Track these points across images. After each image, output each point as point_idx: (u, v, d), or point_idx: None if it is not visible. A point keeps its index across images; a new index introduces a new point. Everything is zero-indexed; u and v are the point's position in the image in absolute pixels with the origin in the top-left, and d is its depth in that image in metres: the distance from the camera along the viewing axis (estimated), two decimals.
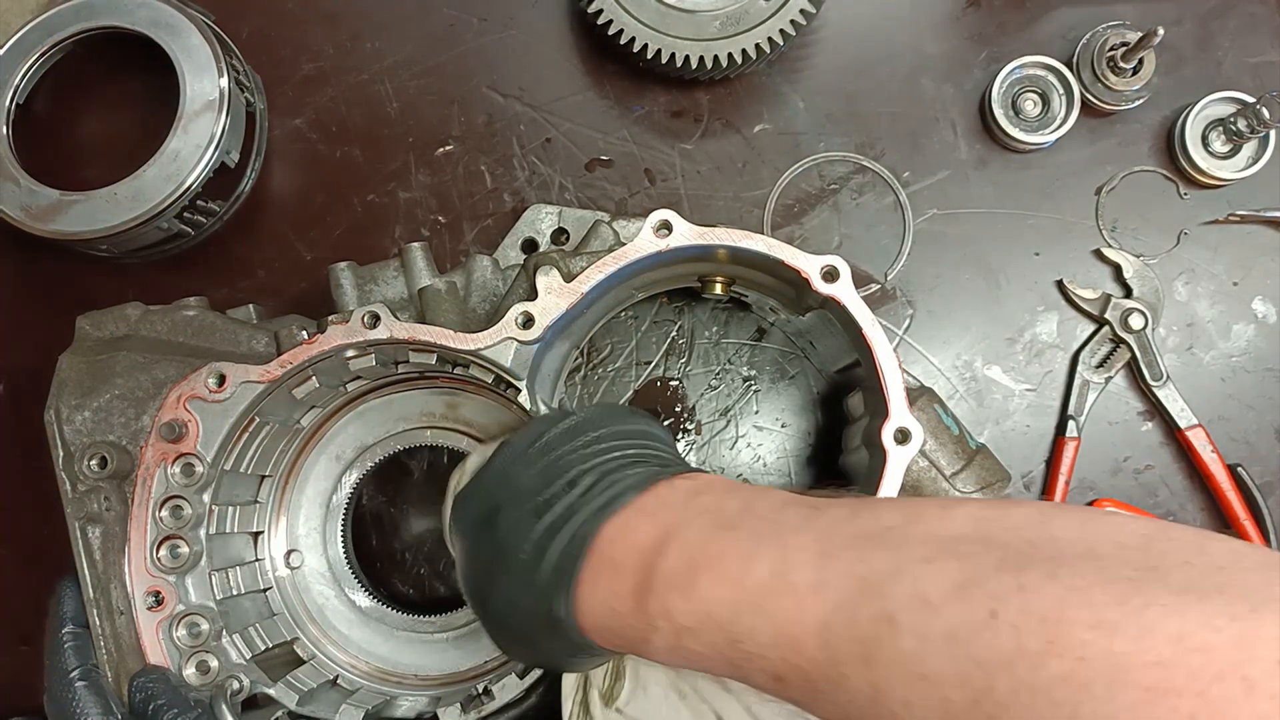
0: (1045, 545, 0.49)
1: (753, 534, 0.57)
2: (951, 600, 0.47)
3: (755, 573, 0.54)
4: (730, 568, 0.56)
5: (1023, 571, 0.47)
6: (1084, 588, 0.45)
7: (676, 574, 0.57)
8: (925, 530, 0.52)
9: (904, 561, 0.50)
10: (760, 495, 0.62)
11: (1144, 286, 1.05)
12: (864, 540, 0.53)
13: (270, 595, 0.95)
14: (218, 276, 1.09)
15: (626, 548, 0.60)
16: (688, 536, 0.58)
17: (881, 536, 0.53)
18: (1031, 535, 0.50)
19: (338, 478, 0.99)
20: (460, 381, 0.96)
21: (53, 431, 0.85)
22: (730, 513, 0.59)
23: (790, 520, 0.57)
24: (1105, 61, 1.04)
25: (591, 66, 1.11)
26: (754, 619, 0.54)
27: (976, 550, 0.49)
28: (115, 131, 1.11)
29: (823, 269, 0.83)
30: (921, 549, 0.51)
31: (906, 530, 0.53)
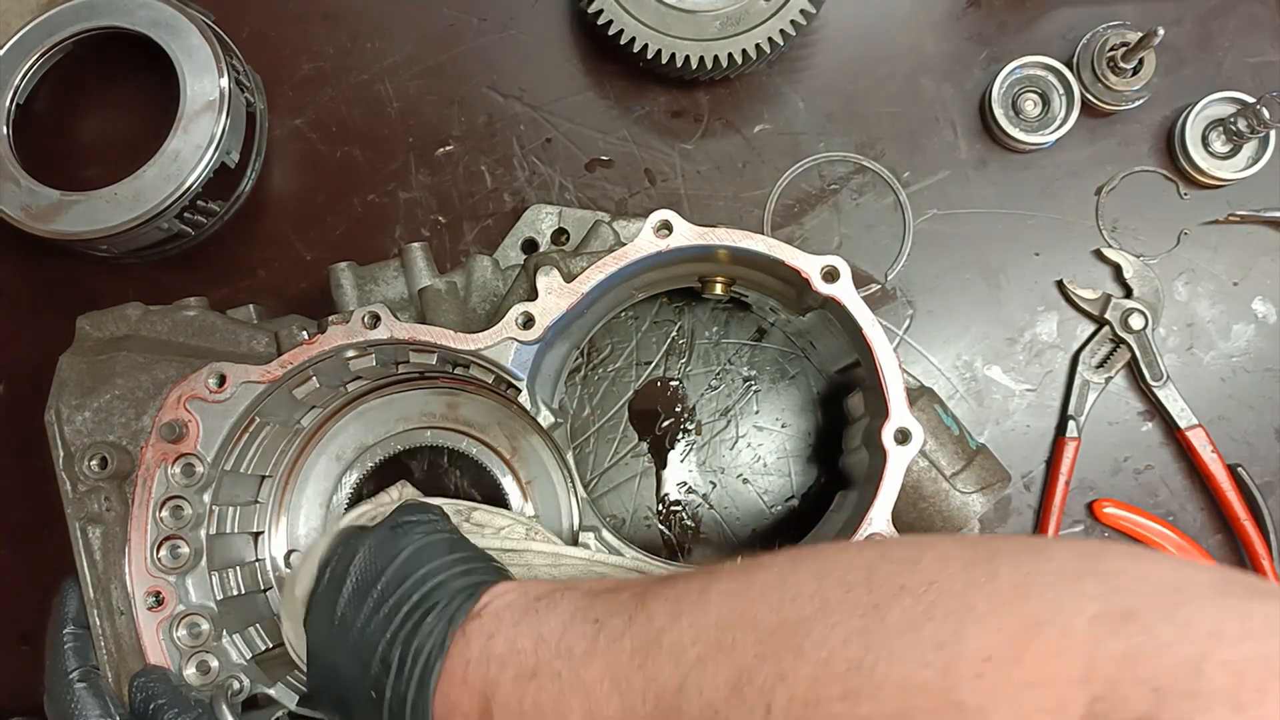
0: (789, 609, 0.54)
1: (553, 676, 0.60)
2: (731, 703, 0.53)
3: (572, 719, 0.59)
4: None
5: (779, 655, 0.52)
6: (827, 658, 0.50)
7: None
8: (690, 624, 0.57)
9: (684, 670, 0.55)
10: (546, 617, 0.64)
11: (1144, 286, 1.05)
12: (645, 652, 0.57)
13: (270, 595, 0.95)
14: (218, 276, 1.09)
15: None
16: (502, 696, 0.62)
17: (658, 642, 0.57)
18: (777, 601, 0.55)
19: (338, 478, 0.99)
20: (460, 381, 0.96)
21: (53, 431, 0.86)
22: (527, 654, 0.62)
23: (579, 646, 0.60)
24: (1105, 61, 1.04)
25: (591, 66, 1.11)
26: None
27: (737, 638, 0.54)
28: (115, 131, 1.11)
29: (823, 269, 0.83)
30: (693, 649, 0.55)
31: (675, 629, 0.57)
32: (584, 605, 0.64)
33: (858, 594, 0.52)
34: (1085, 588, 0.48)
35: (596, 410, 1.06)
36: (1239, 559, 1.04)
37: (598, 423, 1.06)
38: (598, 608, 0.63)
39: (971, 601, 0.49)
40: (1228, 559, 1.04)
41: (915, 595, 0.50)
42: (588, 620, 0.62)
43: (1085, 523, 1.04)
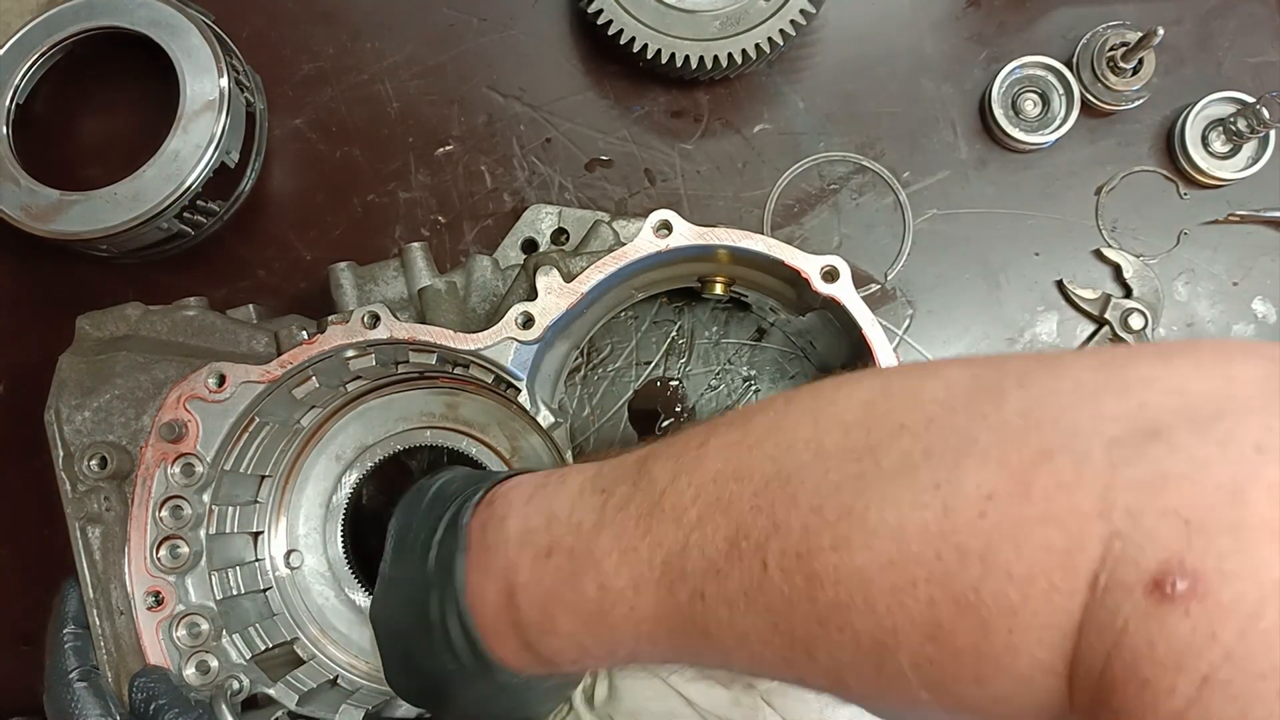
0: (784, 457, 0.51)
1: (566, 552, 0.59)
2: (731, 561, 0.50)
3: (586, 595, 0.57)
4: (567, 598, 0.58)
5: (772, 507, 0.49)
6: (819, 505, 0.47)
7: (537, 625, 0.60)
8: (689, 483, 0.54)
9: (685, 531, 0.53)
10: (556, 492, 0.63)
11: (1144, 286, 1.05)
12: (648, 516, 0.55)
13: (270, 595, 0.95)
14: (218, 276, 1.09)
15: (492, 614, 0.63)
16: (521, 580, 0.61)
17: (660, 505, 0.55)
18: (773, 449, 0.52)
19: (338, 478, 0.99)
20: (460, 381, 0.96)
21: (53, 431, 0.86)
22: (539, 531, 0.61)
23: (588, 518, 0.59)
24: (1105, 61, 1.04)
25: (591, 66, 1.11)
26: (609, 632, 0.58)
27: (734, 491, 0.52)
28: (115, 131, 1.11)
29: (823, 269, 0.83)
30: (692, 509, 0.53)
31: (676, 489, 0.55)
32: (592, 476, 0.62)
33: (854, 436, 0.48)
34: (1105, 407, 0.41)
35: (596, 410, 1.06)
36: None
37: (598, 423, 1.06)
38: (604, 476, 0.61)
39: (974, 433, 0.44)
40: None
41: (914, 433, 0.46)
42: (595, 491, 0.60)
43: None
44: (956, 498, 0.42)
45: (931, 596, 0.42)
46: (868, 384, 0.52)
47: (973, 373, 0.48)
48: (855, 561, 0.45)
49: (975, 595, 0.41)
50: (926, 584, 0.42)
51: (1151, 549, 0.36)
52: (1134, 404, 0.41)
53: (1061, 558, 0.39)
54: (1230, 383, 0.40)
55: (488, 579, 0.62)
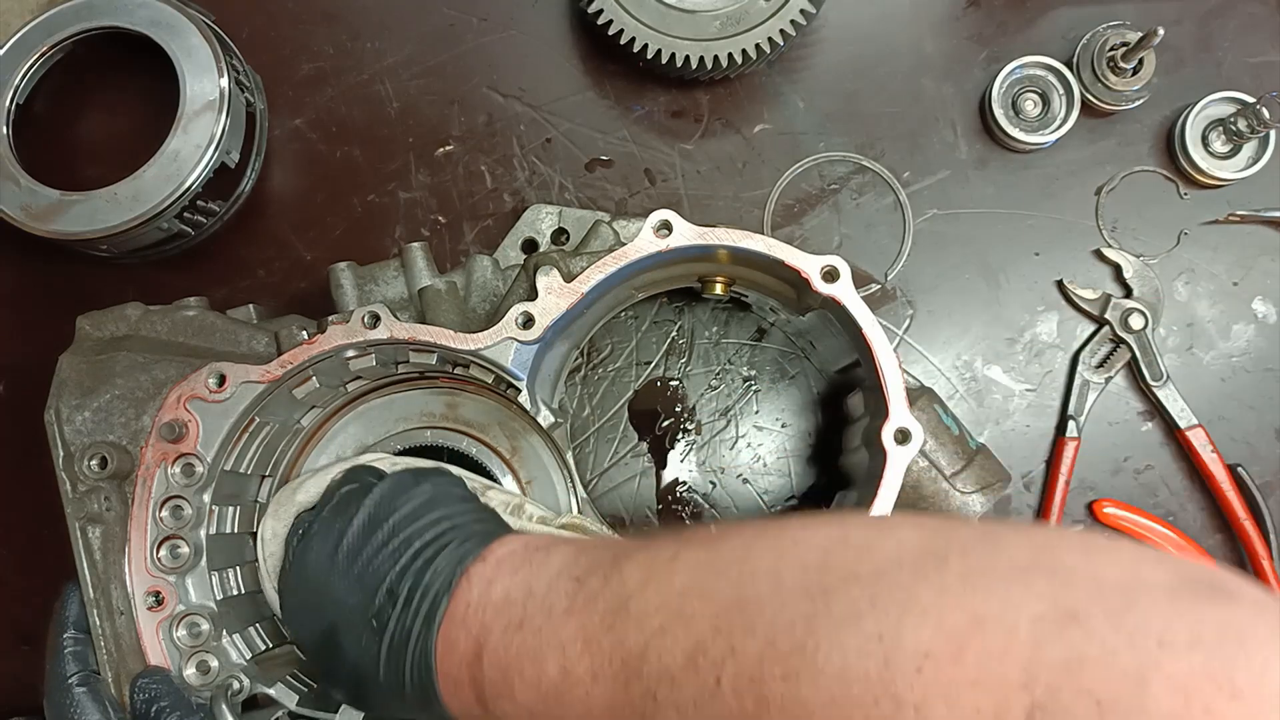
0: (747, 586, 0.55)
1: (534, 630, 0.64)
2: (687, 672, 0.54)
3: (547, 673, 0.62)
4: (529, 672, 0.63)
5: (731, 631, 0.54)
6: (773, 638, 0.51)
7: (496, 684, 0.65)
8: (656, 591, 0.59)
9: (647, 636, 0.57)
10: (539, 570, 0.67)
11: (1144, 286, 1.05)
12: (614, 615, 0.60)
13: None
14: (218, 276, 1.09)
15: (457, 664, 0.67)
16: (492, 644, 0.65)
17: (626, 607, 0.60)
18: (737, 576, 0.56)
19: None
20: (460, 381, 0.96)
21: (53, 431, 0.85)
22: (517, 605, 0.66)
23: (559, 605, 0.64)
24: (1105, 61, 1.04)
25: (591, 66, 1.11)
26: (562, 711, 0.62)
27: (696, 609, 0.56)
28: (115, 131, 1.11)
29: (823, 269, 0.83)
30: (657, 618, 0.58)
31: (643, 594, 0.60)
32: (570, 561, 0.67)
33: (810, 577, 0.53)
34: (1033, 584, 0.47)
35: (596, 410, 1.06)
36: (1239, 559, 1.04)
37: (598, 423, 1.06)
38: (581, 564, 0.66)
39: (916, 593, 0.49)
40: (1228, 559, 1.04)
41: (863, 584, 0.51)
42: (571, 577, 0.65)
43: (1085, 523, 1.04)
44: (897, 651, 0.46)
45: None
46: (830, 531, 0.58)
47: (923, 536, 0.53)
48: (801, 694, 0.49)
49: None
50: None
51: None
52: (1058, 584, 0.46)
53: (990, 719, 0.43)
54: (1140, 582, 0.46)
55: (461, 632, 0.67)
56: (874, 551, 0.53)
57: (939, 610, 0.47)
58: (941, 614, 0.47)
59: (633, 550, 0.64)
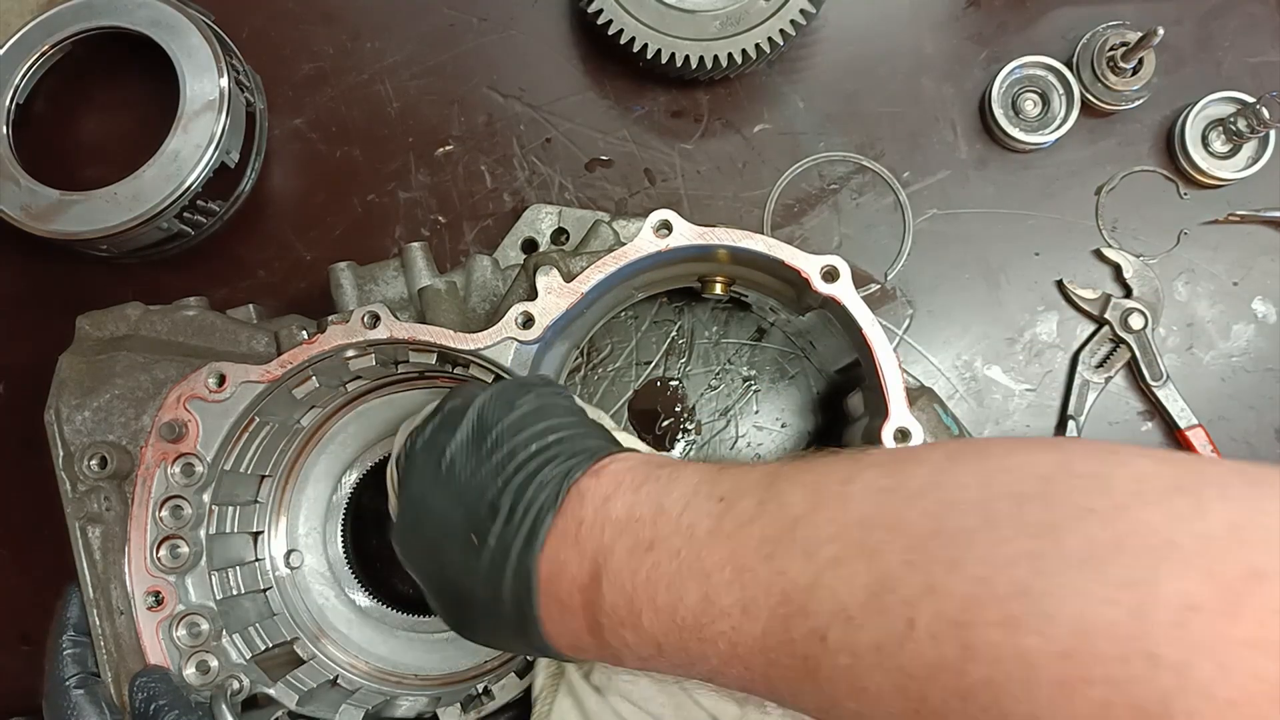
0: (947, 517, 0.48)
1: (671, 553, 0.56)
2: (870, 611, 0.47)
3: (686, 602, 0.55)
4: (662, 599, 0.56)
5: (930, 566, 0.46)
6: (987, 576, 0.44)
7: (618, 611, 0.58)
8: (829, 519, 0.52)
9: (818, 568, 0.50)
10: (668, 486, 0.60)
11: (1144, 286, 1.05)
12: (774, 542, 0.53)
13: (270, 595, 0.95)
14: (218, 276, 1.09)
15: (567, 587, 0.60)
16: (614, 565, 0.58)
17: (790, 534, 0.52)
18: (934, 505, 0.49)
19: (338, 478, 0.99)
20: (460, 381, 0.96)
21: (53, 431, 0.86)
22: (644, 523, 0.58)
23: (701, 523, 0.56)
24: (1105, 61, 1.04)
25: (591, 66, 1.11)
26: (699, 646, 0.55)
27: (882, 540, 0.49)
28: (115, 131, 1.11)
29: (823, 269, 0.83)
30: (830, 547, 0.50)
31: (811, 521, 0.52)
32: (709, 479, 0.59)
33: (1032, 510, 0.45)
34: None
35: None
36: None
37: None
38: (724, 484, 0.58)
39: (1173, 536, 0.41)
40: None
41: (1103, 521, 0.43)
42: (713, 497, 0.57)
43: None
44: (1153, 601, 0.40)
45: (1108, 699, 0.40)
46: (1048, 456, 0.50)
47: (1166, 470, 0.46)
48: (1023, 644, 0.42)
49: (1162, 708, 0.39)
50: (1104, 685, 0.40)
51: None
52: None
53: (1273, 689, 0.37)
54: None
55: (574, 551, 0.60)
56: (1109, 484, 0.45)
57: (1205, 558, 0.40)
58: (1209, 563, 0.40)
59: (788, 470, 0.56)
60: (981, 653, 0.43)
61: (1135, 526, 0.43)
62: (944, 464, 0.51)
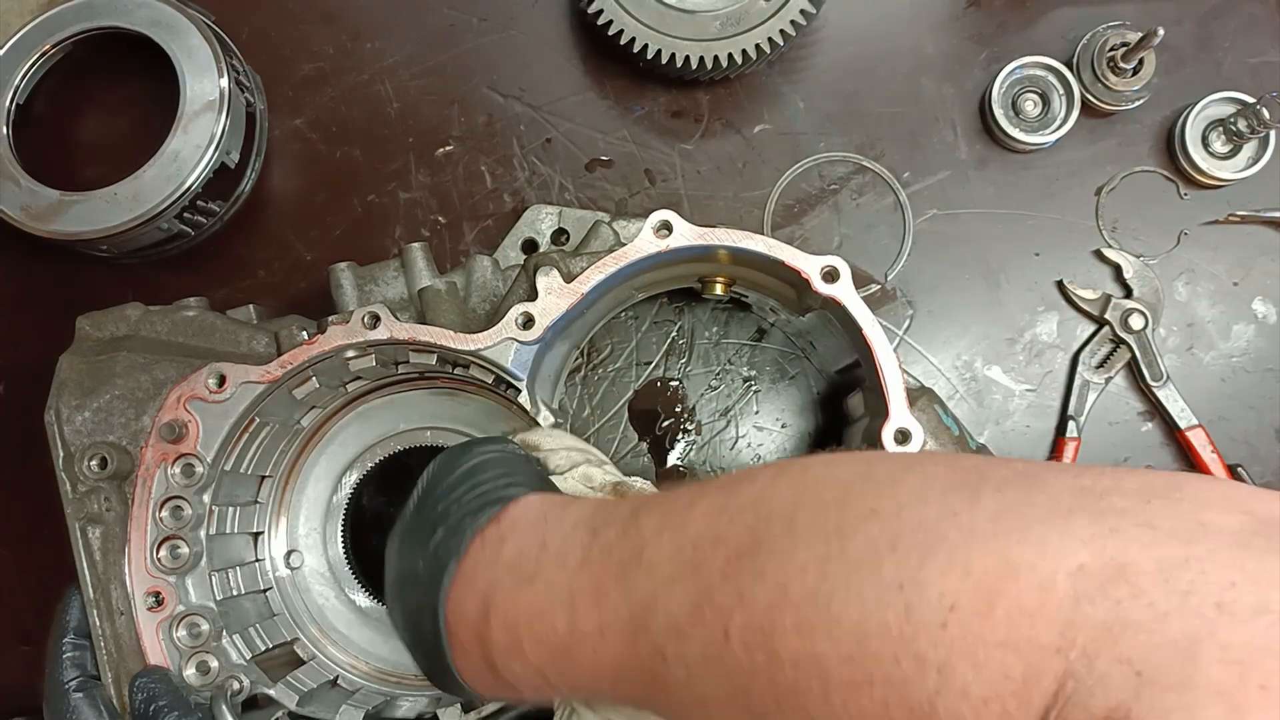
0: (761, 529, 0.50)
1: (546, 584, 0.59)
2: (694, 624, 0.50)
3: (556, 629, 0.58)
4: (537, 628, 0.59)
5: (740, 575, 0.49)
6: (785, 583, 0.47)
7: (503, 644, 0.61)
8: (670, 539, 0.55)
9: (656, 586, 0.53)
10: (556, 524, 0.63)
11: (1144, 287, 1.05)
12: (626, 566, 0.56)
13: (270, 596, 0.95)
14: (218, 276, 1.09)
15: (464, 627, 0.63)
16: (499, 601, 0.61)
17: (639, 555, 0.55)
18: (751, 519, 0.51)
19: (338, 478, 0.99)
20: (460, 382, 0.96)
21: (53, 432, 0.86)
22: (529, 559, 0.61)
23: (574, 554, 0.59)
24: (1105, 61, 1.04)
25: (591, 66, 1.11)
26: (571, 670, 0.58)
27: (706, 555, 0.52)
28: (115, 131, 1.11)
29: (823, 269, 0.83)
30: (667, 566, 0.53)
31: (657, 543, 0.55)
32: (588, 515, 0.63)
33: (828, 515, 0.48)
34: (1075, 529, 0.41)
35: (596, 410, 1.06)
36: None
37: (598, 423, 1.06)
38: (599, 517, 0.62)
39: (943, 531, 0.43)
40: None
41: (882, 522, 0.45)
42: (588, 530, 0.61)
43: None
44: (920, 602, 0.42)
45: (886, 699, 0.42)
46: (853, 466, 0.53)
47: (954, 472, 0.48)
48: (816, 649, 0.45)
49: (929, 707, 0.41)
50: (884, 686, 0.42)
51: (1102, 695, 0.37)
52: (1105, 530, 0.40)
53: (1018, 686, 0.39)
54: (1203, 529, 0.40)
55: (469, 591, 0.63)
56: (897, 486, 0.48)
57: (966, 553, 0.42)
58: (969, 558, 0.42)
59: (652, 501, 0.60)
60: (785, 659, 0.46)
61: (911, 525, 0.45)
62: (769, 480, 0.54)
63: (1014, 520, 0.43)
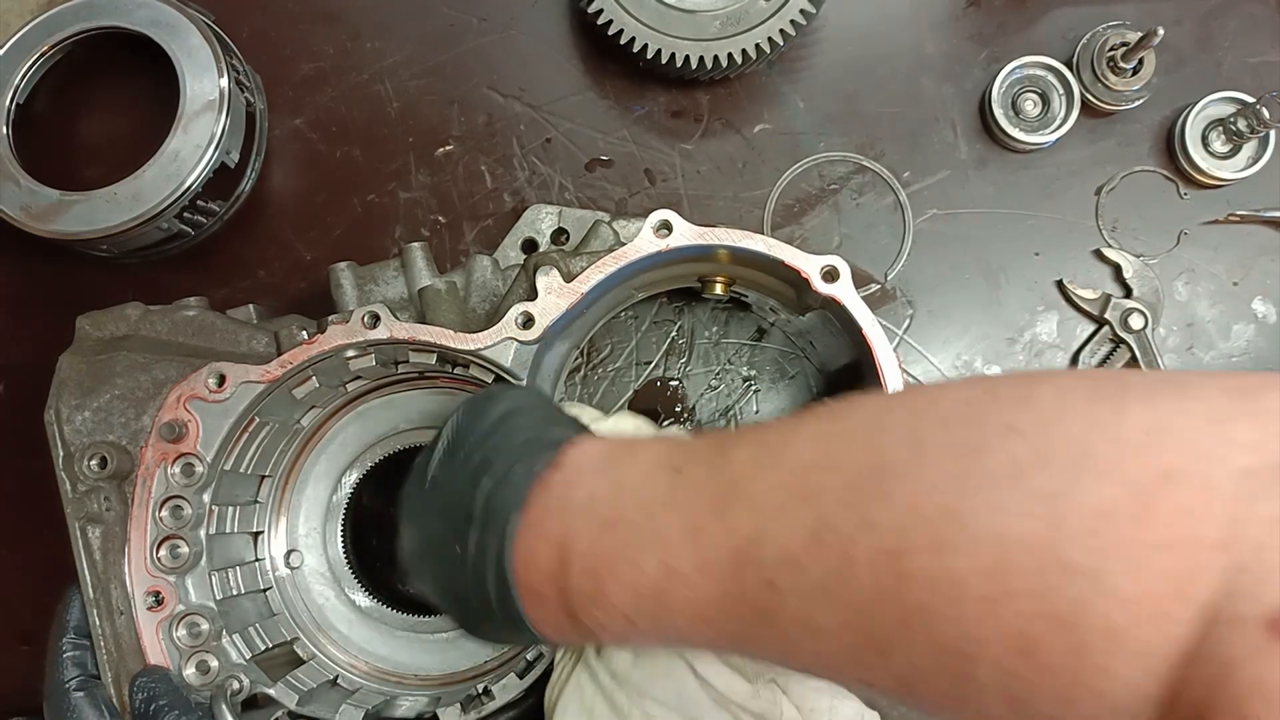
0: (881, 451, 0.49)
1: (630, 526, 0.57)
2: (812, 553, 0.48)
3: (646, 571, 0.56)
4: (624, 573, 0.57)
5: (864, 502, 0.47)
6: (916, 504, 0.45)
7: (586, 592, 0.59)
8: (773, 469, 0.53)
9: (763, 518, 0.51)
10: (627, 466, 0.61)
11: (1144, 286, 1.05)
12: (723, 500, 0.54)
13: (270, 595, 0.95)
14: (218, 276, 1.09)
15: (539, 577, 0.61)
16: (579, 548, 0.59)
17: (736, 489, 0.53)
18: (868, 442, 0.50)
19: (338, 478, 0.99)
20: (460, 382, 0.96)
21: (53, 431, 0.86)
22: (604, 503, 0.59)
23: (657, 495, 0.57)
24: (1105, 61, 1.04)
25: (591, 66, 1.11)
26: (663, 613, 0.56)
27: (821, 482, 0.50)
28: (115, 131, 1.11)
29: (823, 269, 0.83)
30: (774, 496, 0.51)
31: (757, 475, 0.53)
32: (665, 453, 0.60)
33: (957, 433, 0.46)
34: (1236, 433, 0.40)
35: (596, 410, 1.06)
36: None
37: None
38: (678, 455, 0.59)
39: (1092, 446, 0.41)
40: None
41: (1025, 437, 0.44)
42: (668, 468, 0.58)
43: None
44: (1069, 511, 0.40)
45: (1026, 611, 0.41)
46: (975, 386, 0.51)
47: (1090, 382, 0.46)
48: (951, 565, 0.43)
49: (1076, 614, 0.39)
50: (1024, 598, 0.41)
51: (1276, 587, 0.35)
52: (1269, 433, 0.39)
53: (1178, 584, 0.38)
54: None
55: (542, 542, 0.60)
56: (1033, 401, 0.46)
57: (1120, 463, 0.40)
58: (1124, 468, 0.40)
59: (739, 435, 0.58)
60: (915, 578, 0.44)
61: (1056, 438, 0.43)
62: (880, 405, 0.53)
63: (1168, 430, 0.41)
